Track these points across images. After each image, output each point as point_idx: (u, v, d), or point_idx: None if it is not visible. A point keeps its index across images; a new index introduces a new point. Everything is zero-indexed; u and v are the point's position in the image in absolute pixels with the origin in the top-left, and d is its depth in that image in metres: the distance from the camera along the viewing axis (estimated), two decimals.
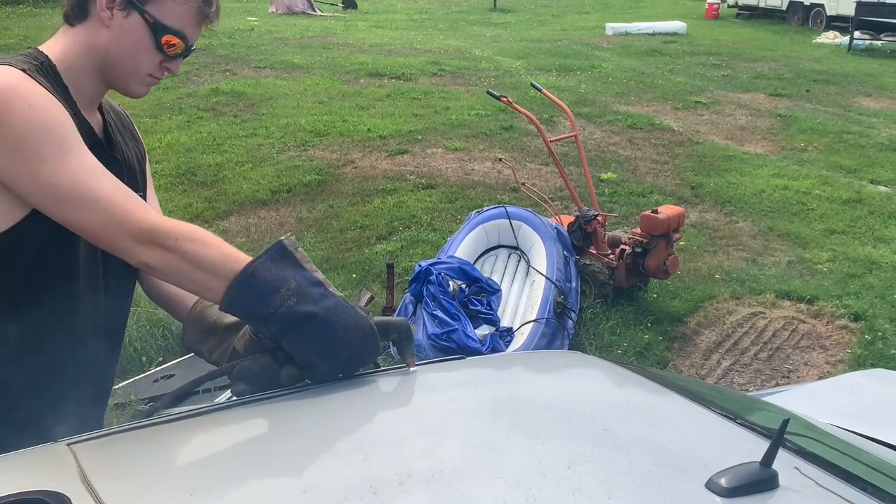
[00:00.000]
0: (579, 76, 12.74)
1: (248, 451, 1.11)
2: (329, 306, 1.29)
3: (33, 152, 1.29)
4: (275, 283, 1.28)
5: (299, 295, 1.28)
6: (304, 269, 1.32)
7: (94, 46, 1.47)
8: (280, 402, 1.26)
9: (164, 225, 1.34)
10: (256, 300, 1.29)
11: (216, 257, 1.33)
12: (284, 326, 1.28)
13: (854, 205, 7.30)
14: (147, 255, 1.33)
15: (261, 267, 1.30)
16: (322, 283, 1.32)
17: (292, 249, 1.33)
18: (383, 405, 1.28)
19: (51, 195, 1.31)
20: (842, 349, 4.81)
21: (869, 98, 12.22)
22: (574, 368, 1.46)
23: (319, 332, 1.28)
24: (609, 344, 4.67)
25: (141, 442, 1.15)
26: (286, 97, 10.52)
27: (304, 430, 1.18)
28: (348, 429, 1.19)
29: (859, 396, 2.18)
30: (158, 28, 1.46)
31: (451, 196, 7.05)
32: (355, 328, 1.30)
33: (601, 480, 1.05)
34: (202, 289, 1.36)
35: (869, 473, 1.29)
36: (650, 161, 8.42)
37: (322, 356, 1.29)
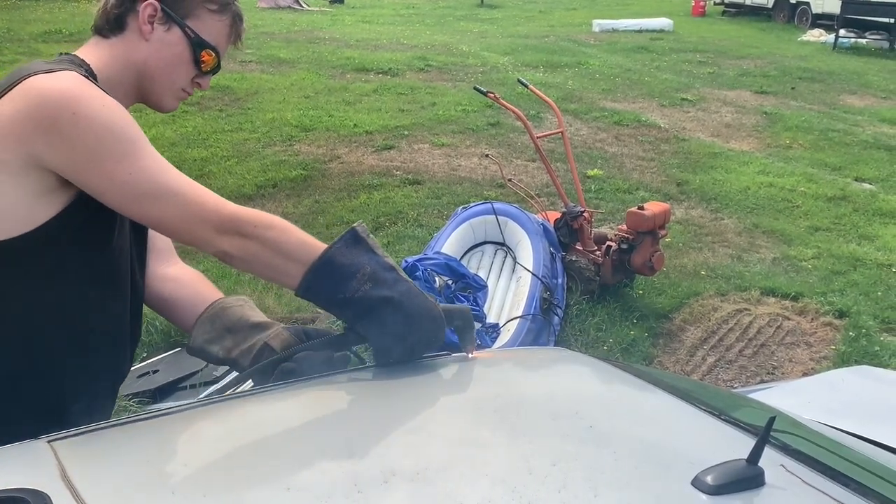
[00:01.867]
0: (566, 72, 12.74)
1: (231, 448, 1.10)
2: (403, 291, 1.33)
3: (109, 152, 1.31)
4: (351, 269, 1.32)
5: (374, 280, 1.32)
6: (377, 254, 1.36)
7: (133, 60, 1.49)
8: (264, 398, 1.25)
9: (242, 213, 1.37)
10: (334, 285, 1.33)
11: (294, 243, 1.37)
12: (361, 310, 1.33)
13: (839, 202, 7.34)
14: (227, 244, 1.35)
15: (337, 252, 1.34)
16: (394, 268, 1.36)
17: (364, 236, 1.37)
18: (369, 402, 1.27)
19: (129, 193, 1.33)
20: (826, 346, 4.83)
21: (854, 96, 12.29)
22: (560, 365, 1.46)
23: (394, 315, 1.32)
24: (595, 340, 4.68)
25: (123, 439, 1.14)
26: (272, 92, 10.48)
27: (289, 426, 1.17)
28: (333, 426, 1.18)
29: (844, 393, 2.18)
30: (198, 43, 1.50)
31: (438, 192, 7.04)
32: (426, 313, 1.35)
33: (587, 478, 1.04)
34: (280, 274, 1.39)
35: (854, 470, 1.29)
36: (636, 158, 8.43)
37: (396, 339, 1.33)
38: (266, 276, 1.46)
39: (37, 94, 1.30)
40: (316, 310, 4.86)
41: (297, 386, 1.29)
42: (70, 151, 1.29)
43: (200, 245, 1.39)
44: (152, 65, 1.49)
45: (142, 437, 1.14)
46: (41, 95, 1.29)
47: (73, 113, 1.29)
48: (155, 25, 1.47)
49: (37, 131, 1.28)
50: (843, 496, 1.08)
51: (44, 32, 14.04)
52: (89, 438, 1.13)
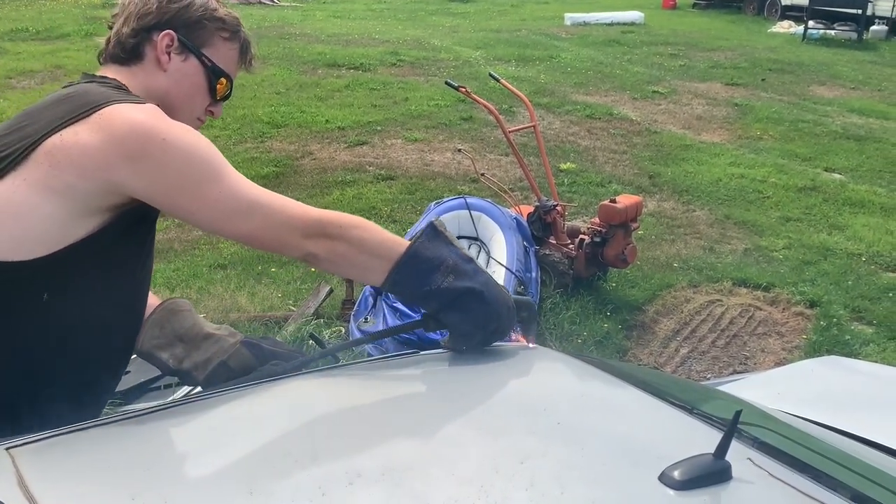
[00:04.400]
0: (538, 66, 12.75)
1: (193, 452, 1.08)
2: (483, 281, 1.40)
3: (199, 175, 1.36)
4: (435, 262, 1.38)
5: (456, 272, 1.38)
6: (455, 247, 1.42)
7: (153, 89, 1.50)
8: (228, 399, 1.23)
9: (326, 216, 1.42)
10: (419, 278, 1.38)
11: (378, 241, 1.41)
12: (445, 301, 1.38)
13: (809, 192, 7.40)
14: (315, 247, 1.40)
15: (421, 247, 1.39)
16: (472, 260, 1.42)
17: (442, 230, 1.42)
18: (334, 402, 1.26)
19: (220, 212, 1.38)
20: (797, 335, 4.87)
21: (823, 87, 12.40)
22: (530, 362, 1.45)
23: (477, 305, 1.37)
24: (569, 333, 4.68)
25: (83, 444, 1.12)
26: (243, 88, 10.37)
27: (252, 428, 1.15)
28: (298, 427, 1.16)
29: (813, 384, 2.20)
30: (214, 71, 1.53)
31: (411, 187, 7.02)
32: (504, 302, 1.41)
33: (554, 475, 1.03)
34: (366, 272, 1.44)
35: (822, 462, 1.29)
36: (609, 151, 8.46)
37: (478, 327, 1.39)
38: (351, 275, 1.56)
39: (124, 124, 1.32)
40: (289, 308, 4.84)
41: (262, 387, 1.27)
42: (161, 178, 1.33)
43: (289, 251, 1.44)
44: (173, 95, 1.51)
45: (103, 442, 1.12)
46: (130, 125, 1.32)
47: (163, 139, 1.33)
48: (172, 56, 1.50)
49: (124, 160, 1.31)
50: (810, 488, 1.08)
51: (10, 31, 13.85)
52: (49, 445, 1.11)
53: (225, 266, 5.45)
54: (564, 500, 0.98)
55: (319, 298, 4.81)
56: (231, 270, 5.37)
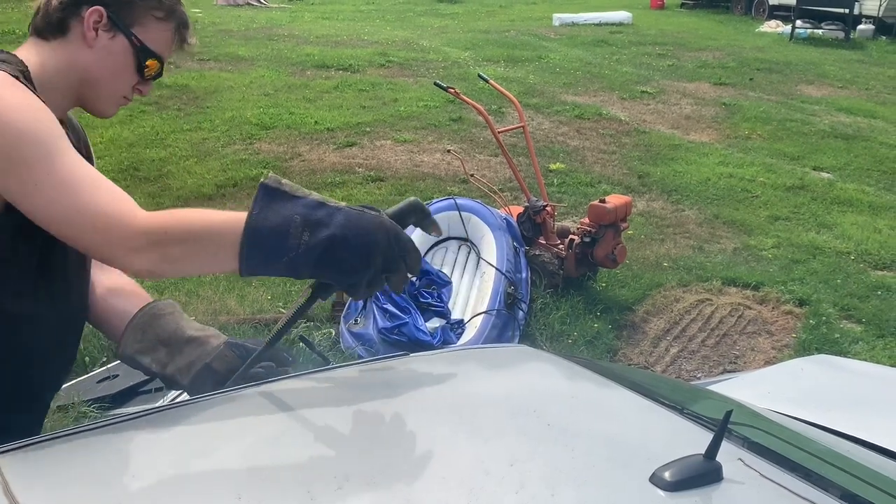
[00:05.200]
0: (527, 67, 12.76)
1: (181, 457, 1.07)
2: (341, 222, 1.22)
3: (21, 158, 1.23)
4: (281, 228, 1.21)
5: (309, 225, 1.21)
6: (300, 197, 1.24)
7: (75, 65, 1.44)
8: (216, 404, 1.22)
9: (152, 224, 1.25)
10: (272, 254, 1.22)
11: (211, 230, 1.26)
12: (311, 262, 1.22)
13: (797, 191, 7.43)
14: (147, 263, 1.26)
15: (259, 219, 1.22)
16: (323, 203, 1.24)
17: (277, 185, 1.24)
18: (323, 405, 1.25)
19: (41, 206, 1.25)
20: (787, 334, 4.88)
21: (811, 86, 12.45)
22: (519, 363, 1.45)
23: (345, 250, 1.22)
24: (559, 333, 4.69)
25: (69, 450, 1.10)
26: (231, 90, 10.36)
27: (241, 432, 1.14)
28: (286, 430, 1.16)
29: (803, 383, 2.20)
30: (143, 51, 1.46)
31: (401, 188, 7.01)
32: (375, 229, 1.23)
33: (544, 477, 1.03)
34: (213, 265, 1.35)
35: (812, 462, 1.29)
36: (598, 151, 8.47)
37: (358, 271, 1.23)
38: (202, 273, 1.44)
39: None
40: (279, 310, 4.82)
41: (251, 391, 1.26)
42: None
43: (119, 266, 1.32)
44: (95, 72, 1.45)
45: (90, 448, 1.11)
46: None
47: None
48: (99, 32, 1.43)
49: None
50: (801, 488, 1.08)
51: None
52: (35, 451, 1.09)
53: None
54: (554, 502, 0.98)
55: None
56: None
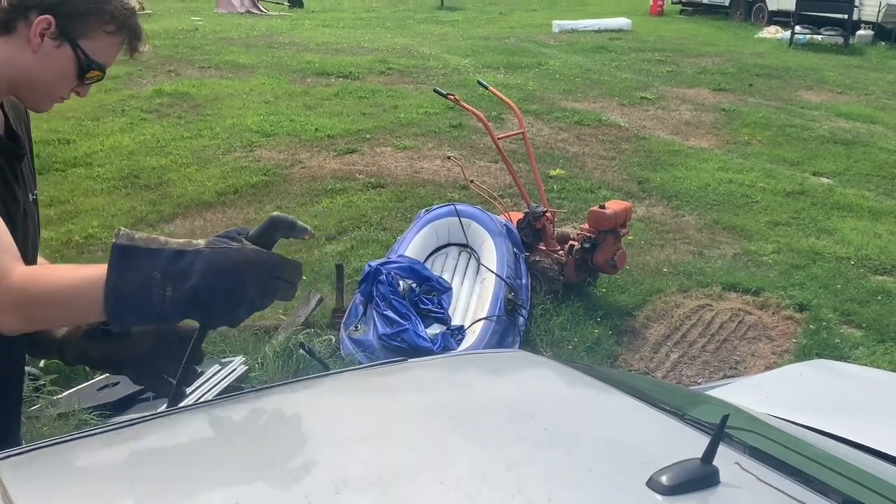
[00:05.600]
0: (527, 73, 12.78)
1: (179, 464, 1.08)
2: (202, 269, 1.19)
3: None
4: (142, 288, 1.19)
5: (170, 280, 1.19)
6: (156, 250, 1.21)
7: (14, 64, 1.43)
8: (214, 410, 1.22)
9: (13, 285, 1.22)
10: (139, 312, 1.21)
11: (78, 298, 1.23)
12: (181, 312, 1.20)
13: (797, 197, 7.43)
14: (14, 323, 1.24)
15: (117, 284, 1.19)
16: (182, 251, 1.21)
17: (130, 242, 1.21)
18: (322, 411, 1.25)
19: None
20: (787, 339, 4.88)
21: (810, 91, 12.46)
22: (518, 368, 1.45)
23: (212, 295, 1.19)
24: (560, 340, 4.68)
25: (68, 456, 1.11)
26: (232, 97, 10.38)
27: (239, 438, 1.15)
28: (284, 437, 1.16)
29: (802, 388, 2.20)
30: (87, 63, 1.45)
31: (401, 195, 7.01)
32: (238, 267, 1.20)
33: (541, 481, 1.03)
34: (90, 321, 1.35)
35: (810, 466, 1.29)
36: (598, 157, 8.48)
37: (231, 311, 1.22)
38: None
39: None
40: (279, 317, 4.83)
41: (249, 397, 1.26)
42: None
43: None
44: (35, 75, 1.44)
45: (88, 453, 1.11)
46: None
47: None
48: (45, 39, 1.42)
49: None
50: (798, 492, 1.08)
51: None
52: (34, 457, 1.10)
53: None
54: None
55: (310, 307, 4.79)
56: None
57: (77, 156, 7.90)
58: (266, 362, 4.21)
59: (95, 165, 7.67)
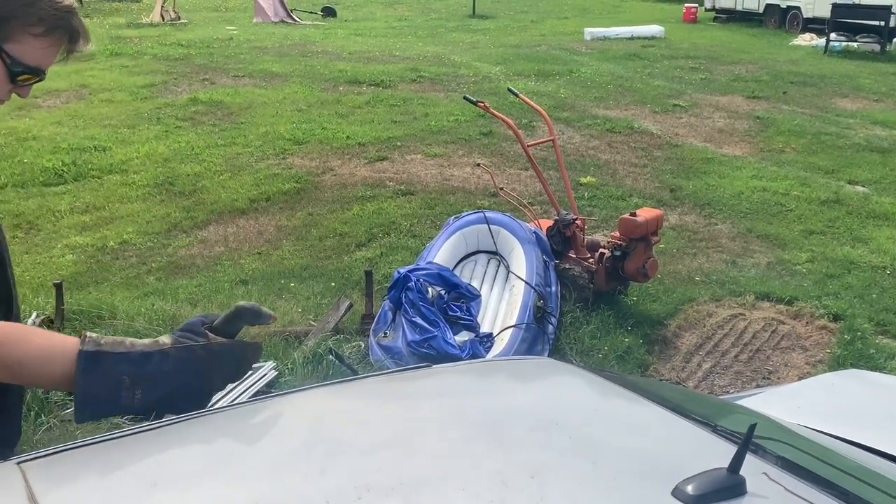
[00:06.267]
0: (558, 81, 12.76)
1: (201, 467, 1.08)
2: (171, 370, 1.22)
3: None
4: (112, 393, 1.20)
5: (139, 383, 1.21)
6: (123, 353, 1.22)
7: None
8: (237, 414, 1.23)
9: None
10: (110, 412, 1.23)
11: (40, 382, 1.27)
12: (152, 409, 1.24)
13: (832, 205, 7.33)
14: None
15: (86, 389, 1.20)
16: (149, 354, 1.23)
17: (97, 349, 1.22)
18: (345, 416, 1.25)
19: None
20: (821, 349, 4.81)
21: (846, 99, 12.31)
22: (542, 375, 1.44)
23: (180, 392, 1.23)
24: (589, 348, 4.65)
25: (92, 458, 1.12)
26: (265, 105, 10.48)
27: (261, 443, 1.15)
28: (307, 441, 1.16)
29: (834, 398, 2.16)
30: (15, 66, 1.40)
31: (431, 202, 7.03)
32: (207, 364, 1.24)
33: (564, 490, 1.02)
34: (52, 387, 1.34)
35: (840, 477, 1.27)
36: (629, 164, 8.43)
37: (198, 402, 1.26)
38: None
39: None
40: (310, 322, 4.85)
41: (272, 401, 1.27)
42: None
43: None
44: None
45: (111, 456, 1.12)
46: None
47: None
48: None
49: None
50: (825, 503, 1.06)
51: None
52: (59, 459, 1.11)
53: (246, 282, 5.48)
54: None
55: (339, 313, 4.81)
56: (252, 286, 5.39)
57: (113, 163, 8.02)
58: (296, 368, 4.23)
59: (131, 172, 7.78)
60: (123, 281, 5.52)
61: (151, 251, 6.05)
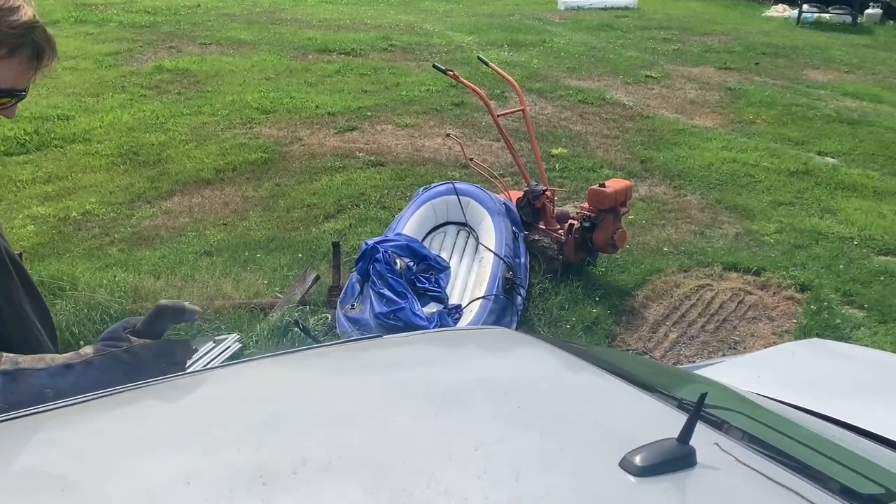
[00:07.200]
0: (531, 51, 12.65)
1: (129, 440, 1.03)
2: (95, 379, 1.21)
3: None
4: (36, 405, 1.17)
5: (64, 395, 1.19)
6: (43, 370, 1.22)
7: None
8: (173, 386, 1.18)
9: None
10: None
11: None
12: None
13: (801, 176, 7.35)
14: None
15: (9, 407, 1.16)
16: (69, 364, 1.22)
17: (15, 367, 1.22)
18: (288, 388, 1.21)
19: None
20: (788, 319, 4.83)
21: (817, 70, 12.32)
22: (496, 346, 1.40)
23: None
24: (558, 319, 4.64)
25: (12, 434, 1.07)
26: (232, 74, 10.29)
27: (195, 416, 1.10)
28: (245, 414, 1.12)
29: (794, 367, 2.15)
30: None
31: (401, 173, 6.95)
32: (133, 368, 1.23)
33: (510, 462, 0.99)
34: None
35: (794, 447, 1.25)
36: (601, 136, 8.39)
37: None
38: None
39: None
40: (276, 294, 4.79)
41: (216, 372, 1.22)
42: None
43: None
44: None
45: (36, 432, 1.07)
46: None
47: None
48: None
49: None
50: (778, 474, 1.04)
51: None
52: None
53: (211, 253, 5.40)
54: (518, 488, 0.94)
55: (306, 285, 4.76)
56: (217, 257, 5.31)
57: (76, 132, 7.85)
58: (260, 340, 4.18)
59: (94, 142, 7.63)
60: (85, 252, 5.42)
61: (114, 222, 5.94)
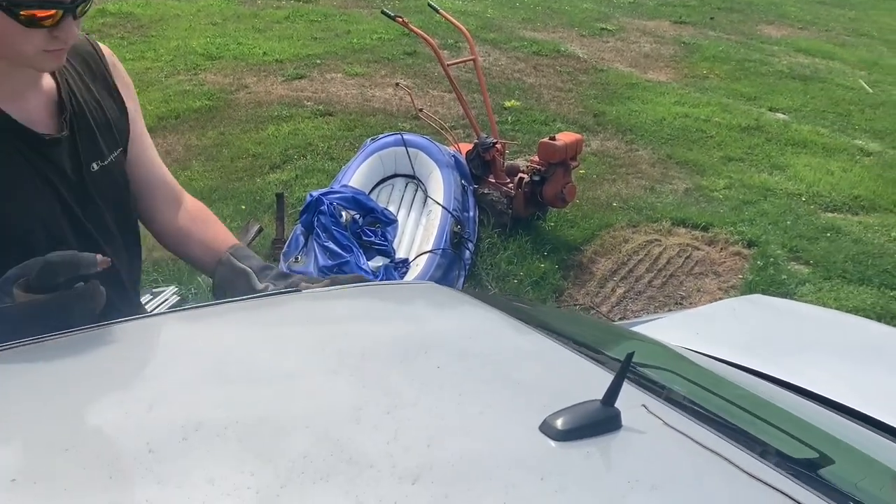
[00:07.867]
0: (486, 0, 12.46)
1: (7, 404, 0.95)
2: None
3: None
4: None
5: None
6: None
7: None
8: (67, 342, 1.08)
9: None
10: None
11: None
12: None
13: (752, 132, 7.36)
14: None
15: None
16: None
17: None
18: (190, 346, 1.12)
19: None
20: (734, 275, 4.85)
21: (771, 26, 12.33)
22: (422, 301, 1.33)
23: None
24: (506, 274, 4.60)
25: None
26: (178, 18, 9.96)
27: (83, 377, 1.02)
28: (139, 373, 1.03)
29: (734, 324, 2.12)
30: (13, 6, 1.21)
31: (350, 123, 6.81)
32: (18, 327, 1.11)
33: (422, 426, 0.92)
34: None
35: (727, 409, 1.20)
36: (554, 89, 8.30)
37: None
38: None
39: None
40: None
41: (115, 327, 1.13)
42: None
43: None
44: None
45: None
46: None
47: None
48: None
49: None
50: (706, 438, 0.98)
51: None
52: None
53: None
54: (430, 453, 0.87)
55: (249, 237, 4.63)
56: None
57: None
58: (200, 292, 4.07)
59: None
60: None
61: None
